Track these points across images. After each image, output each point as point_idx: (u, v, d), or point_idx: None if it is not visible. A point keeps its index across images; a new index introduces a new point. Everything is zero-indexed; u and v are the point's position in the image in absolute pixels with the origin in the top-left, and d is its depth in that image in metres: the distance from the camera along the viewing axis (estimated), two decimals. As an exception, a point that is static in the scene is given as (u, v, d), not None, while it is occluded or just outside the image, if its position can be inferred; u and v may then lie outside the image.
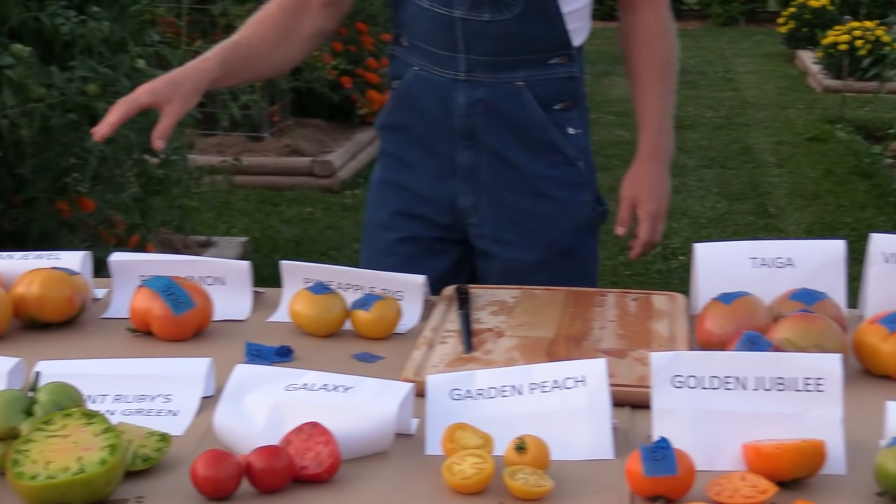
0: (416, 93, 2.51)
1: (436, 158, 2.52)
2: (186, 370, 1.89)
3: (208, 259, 2.32)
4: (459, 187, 2.51)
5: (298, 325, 2.15)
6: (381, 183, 2.62)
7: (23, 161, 4.10)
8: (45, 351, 2.03)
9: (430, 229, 2.55)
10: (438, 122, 2.49)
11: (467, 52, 2.44)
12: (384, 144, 2.62)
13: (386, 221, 2.58)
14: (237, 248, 5.83)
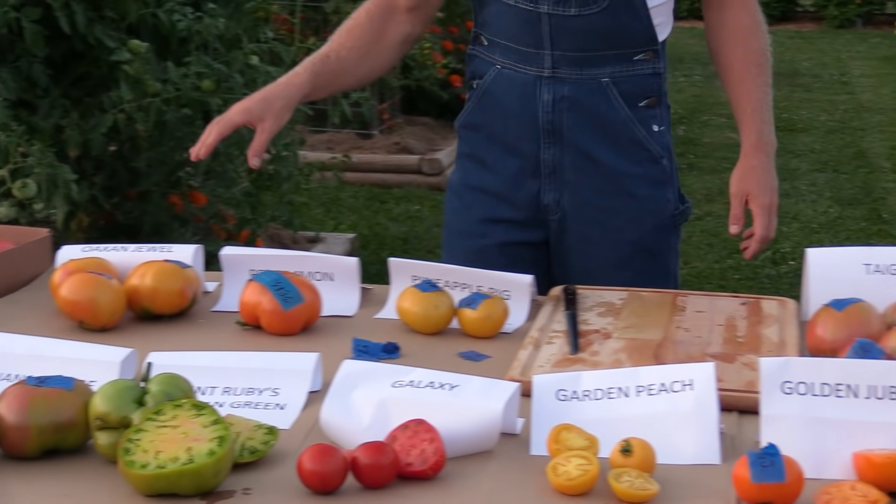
0: (498, 91, 2.51)
1: (517, 157, 2.52)
2: (294, 365, 1.90)
3: (318, 255, 2.34)
4: (543, 184, 2.51)
5: (405, 323, 2.16)
6: (460, 186, 2.62)
7: (138, 155, 4.16)
8: (157, 342, 2.07)
9: (513, 232, 2.55)
10: (522, 120, 2.49)
11: (553, 48, 2.44)
12: (462, 145, 2.62)
13: (468, 229, 2.58)
14: (345, 245, 5.87)
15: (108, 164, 4.14)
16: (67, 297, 2.13)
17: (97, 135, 3.94)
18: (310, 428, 1.77)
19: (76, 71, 4.09)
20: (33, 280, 2.40)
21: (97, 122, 3.95)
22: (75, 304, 2.13)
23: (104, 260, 2.28)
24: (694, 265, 6.10)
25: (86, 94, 4.12)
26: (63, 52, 4.03)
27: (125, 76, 3.99)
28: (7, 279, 2.34)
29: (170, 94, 4.09)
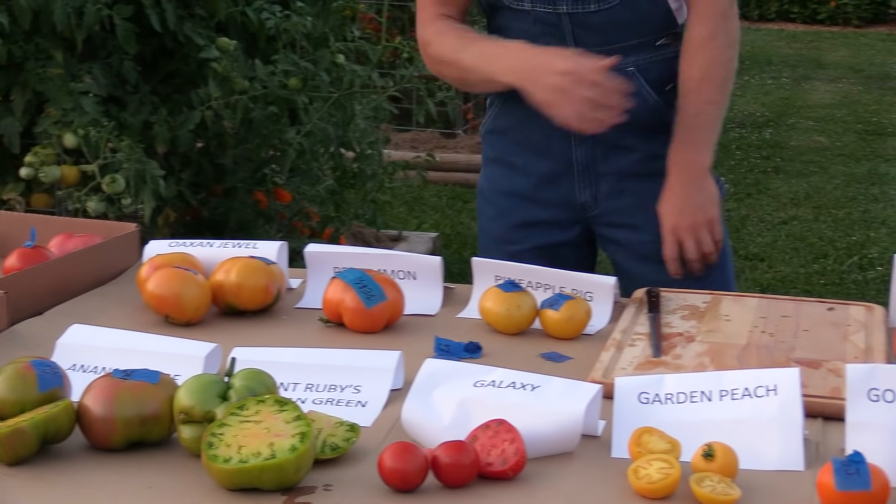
0: (522, 95, 2.51)
1: (548, 158, 2.52)
2: (376, 362, 1.91)
3: (401, 253, 2.35)
4: (577, 182, 2.51)
5: (488, 322, 2.16)
6: (492, 192, 2.62)
7: (224, 152, 4.20)
8: (241, 337, 2.08)
9: (550, 234, 2.55)
10: (550, 122, 2.49)
11: (577, 46, 2.43)
12: (490, 150, 2.62)
13: (504, 235, 2.58)
14: (427, 244, 5.88)
15: (195, 160, 4.18)
16: (154, 291, 2.15)
17: (185, 131, 3.98)
18: (391, 426, 1.78)
19: (166, 68, 4.13)
20: (121, 274, 2.44)
21: (185, 119, 3.99)
22: (161, 299, 2.15)
23: (190, 255, 2.31)
24: (779, 269, 6.03)
25: (174, 91, 4.17)
26: (153, 49, 4.07)
27: (213, 73, 4.02)
28: (95, 273, 2.37)
29: (257, 92, 4.12)
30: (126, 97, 3.96)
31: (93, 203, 3.62)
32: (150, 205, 3.63)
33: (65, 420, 1.68)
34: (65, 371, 1.78)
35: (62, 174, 3.68)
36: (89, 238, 2.42)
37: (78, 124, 3.64)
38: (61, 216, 3.60)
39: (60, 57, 3.74)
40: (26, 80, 3.72)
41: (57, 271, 2.28)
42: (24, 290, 2.17)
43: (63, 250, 2.37)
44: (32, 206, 3.85)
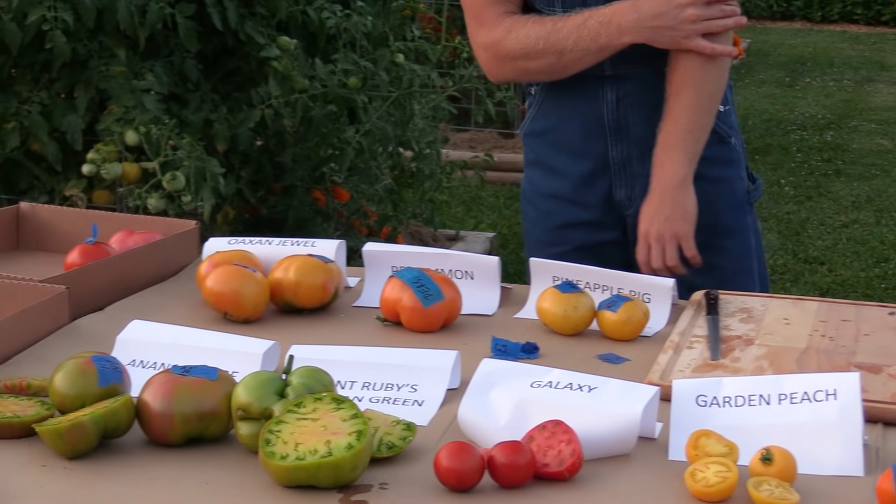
0: (559, 96, 2.51)
1: (586, 159, 2.51)
2: (433, 362, 1.91)
3: (458, 253, 2.35)
4: (614, 182, 2.51)
5: (545, 323, 2.16)
6: (533, 195, 2.62)
7: (284, 150, 4.22)
8: (299, 335, 2.09)
9: (591, 234, 2.54)
10: (586, 122, 2.48)
11: None
12: (528, 153, 2.62)
13: (547, 237, 2.58)
14: (485, 244, 5.88)
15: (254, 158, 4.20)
16: (213, 288, 2.17)
17: (245, 129, 4.00)
18: (447, 425, 1.78)
19: (226, 66, 4.16)
20: (180, 271, 2.45)
21: (245, 117, 4.01)
22: (220, 296, 2.16)
23: (249, 253, 2.32)
24: (839, 273, 5.98)
25: (235, 90, 4.19)
26: (214, 47, 4.10)
27: (274, 72, 4.05)
28: (155, 269, 2.39)
29: (316, 91, 4.14)
30: (187, 95, 3.99)
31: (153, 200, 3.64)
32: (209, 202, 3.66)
33: (124, 415, 1.70)
34: (124, 366, 1.79)
35: (123, 171, 3.71)
36: (149, 235, 2.44)
37: (139, 122, 3.67)
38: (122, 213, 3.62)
39: (123, 55, 3.77)
40: (89, 78, 3.76)
41: (117, 267, 2.30)
42: (85, 286, 2.19)
43: (124, 247, 2.39)
44: (94, 202, 3.88)
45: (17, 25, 3.65)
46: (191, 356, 1.87)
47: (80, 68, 3.79)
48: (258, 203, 4.26)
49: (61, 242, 2.54)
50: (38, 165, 3.91)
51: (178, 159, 3.65)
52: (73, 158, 3.86)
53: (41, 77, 3.83)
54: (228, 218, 4.14)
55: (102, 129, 3.76)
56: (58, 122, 3.79)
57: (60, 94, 3.85)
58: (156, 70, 3.84)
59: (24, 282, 2.11)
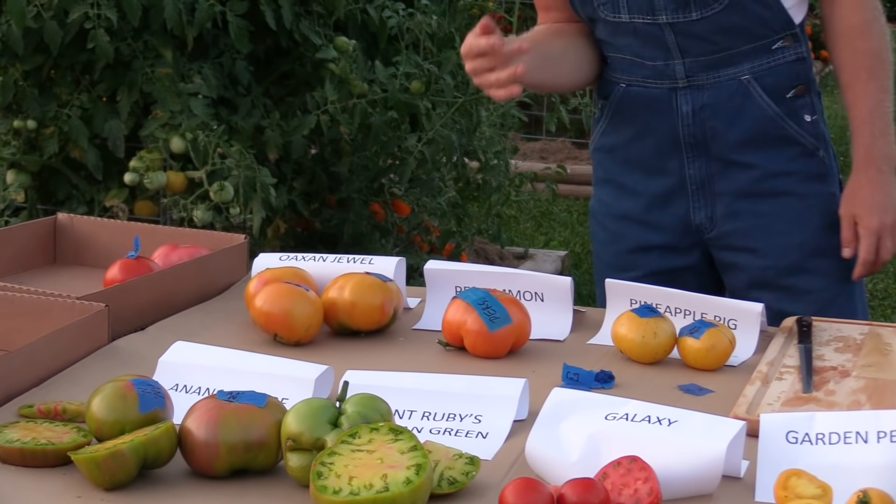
0: (629, 110, 2.50)
1: (660, 177, 2.50)
2: (499, 390, 1.91)
3: (528, 272, 2.35)
4: (692, 202, 2.49)
5: (621, 350, 2.15)
6: (603, 216, 2.62)
7: (340, 159, 4.24)
8: (354, 360, 2.09)
9: (666, 258, 2.53)
10: (660, 138, 2.47)
11: (683, 56, 2.42)
12: (599, 170, 2.62)
13: (617, 261, 2.57)
14: (556, 263, 5.87)
15: (308, 168, 4.22)
16: (262, 308, 2.18)
17: (298, 137, 4.02)
18: (514, 460, 1.77)
19: (279, 69, 4.18)
20: (228, 289, 2.47)
21: (299, 124, 4.03)
22: (270, 316, 2.17)
23: (301, 270, 2.33)
24: (945, 299, 5.91)
25: (288, 94, 4.22)
26: (267, 48, 4.13)
27: (330, 75, 4.06)
28: (201, 287, 2.41)
29: (376, 96, 4.15)
30: (237, 99, 4.01)
31: (199, 212, 3.67)
32: (259, 215, 3.68)
33: (166, 443, 1.71)
34: (167, 391, 1.80)
35: (168, 181, 3.75)
36: (195, 249, 2.46)
37: (186, 127, 3.70)
38: (166, 225, 3.66)
39: (170, 56, 3.81)
40: (133, 80, 3.79)
41: (160, 284, 2.32)
42: (125, 304, 2.21)
43: (167, 262, 2.41)
44: (136, 213, 3.92)
45: (57, 24, 3.69)
46: (238, 381, 1.87)
47: (124, 70, 3.83)
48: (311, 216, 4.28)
49: (101, 257, 2.56)
50: (77, 174, 3.95)
51: (227, 168, 3.68)
52: (114, 166, 3.90)
53: (82, 79, 3.88)
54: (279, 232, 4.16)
55: (146, 135, 3.80)
56: (99, 128, 3.83)
57: (102, 98, 3.89)
58: (204, 72, 3.87)
59: (60, 298, 2.13)
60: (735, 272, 2.53)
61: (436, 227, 4.63)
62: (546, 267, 5.70)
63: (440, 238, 4.66)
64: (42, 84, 3.89)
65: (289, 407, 1.73)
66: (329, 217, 4.28)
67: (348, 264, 2.37)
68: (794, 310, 2.33)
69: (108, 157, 3.87)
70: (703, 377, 2.08)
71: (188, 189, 3.76)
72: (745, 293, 2.47)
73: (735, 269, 2.53)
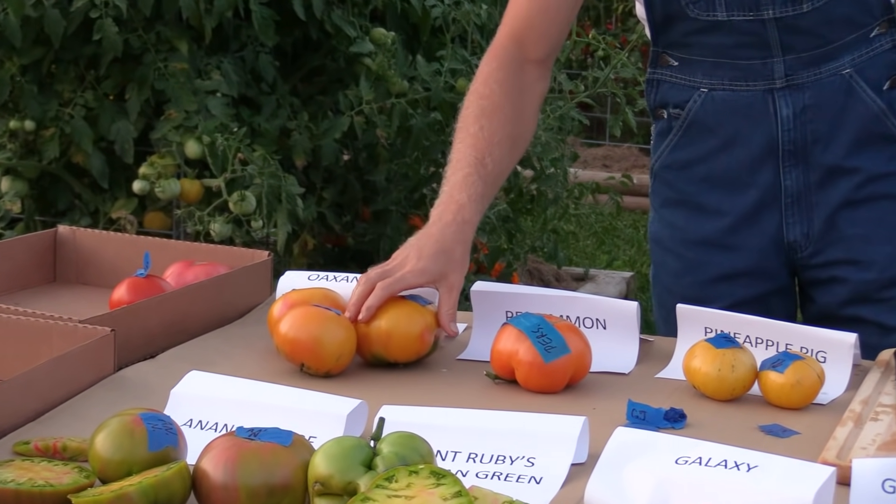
0: (711, 118, 2.47)
1: (748, 192, 2.49)
2: (555, 429, 1.90)
3: (588, 296, 2.35)
4: (785, 217, 2.48)
5: (694, 385, 2.15)
6: (674, 242, 2.58)
7: (376, 166, 4.25)
8: (391, 394, 2.10)
9: (754, 285, 2.52)
10: (753, 147, 2.46)
11: (784, 53, 2.42)
12: (666, 191, 2.58)
13: (696, 294, 2.52)
14: (620, 285, 5.87)
15: (340, 176, 4.24)
16: (288, 334, 2.18)
17: (329, 141, 4.04)
18: (571, 508, 1.77)
19: (309, 64, 4.21)
20: (249, 312, 2.48)
21: (330, 126, 4.05)
22: (296, 344, 2.18)
23: (332, 292, 2.33)
24: None
25: (318, 92, 4.24)
26: (295, 41, 4.15)
27: (366, 71, 4.08)
28: (219, 309, 2.42)
29: (418, 95, 4.16)
30: (260, 98, 4.03)
31: (217, 225, 3.69)
32: (284, 229, 3.69)
33: (178, 486, 1.71)
34: (179, 427, 1.81)
35: (182, 189, 3.77)
36: (212, 267, 2.47)
37: (203, 130, 3.72)
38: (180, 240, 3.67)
39: (185, 49, 3.83)
40: (144, 76, 3.82)
41: (173, 306, 2.33)
42: (134, 328, 2.22)
43: (181, 281, 2.43)
44: (146, 226, 3.94)
45: (59, 12, 3.72)
46: (260, 416, 1.88)
47: (134, 65, 3.86)
48: (344, 231, 4.29)
49: (106, 275, 2.58)
50: (79, 181, 3.98)
51: (249, 176, 3.70)
52: (121, 173, 3.93)
53: (86, 75, 3.90)
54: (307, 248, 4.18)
55: (158, 138, 3.82)
56: (105, 130, 3.85)
57: (109, 96, 3.92)
58: (223, 68, 3.89)
59: (60, 322, 2.15)
60: (831, 288, 2.52)
61: (484, 243, 4.64)
62: (609, 290, 5.70)
63: (489, 256, 4.67)
64: (42, 80, 3.92)
65: (317, 446, 1.73)
66: (363, 232, 4.30)
67: (385, 285, 2.37)
68: (891, 340, 2.32)
69: (114, 162, 3.89)
70: (787, 416, 2.07)
71: (205, 199, 3.78)
72: (839, 310, 2.46)
73: (832, 285, 2.51)
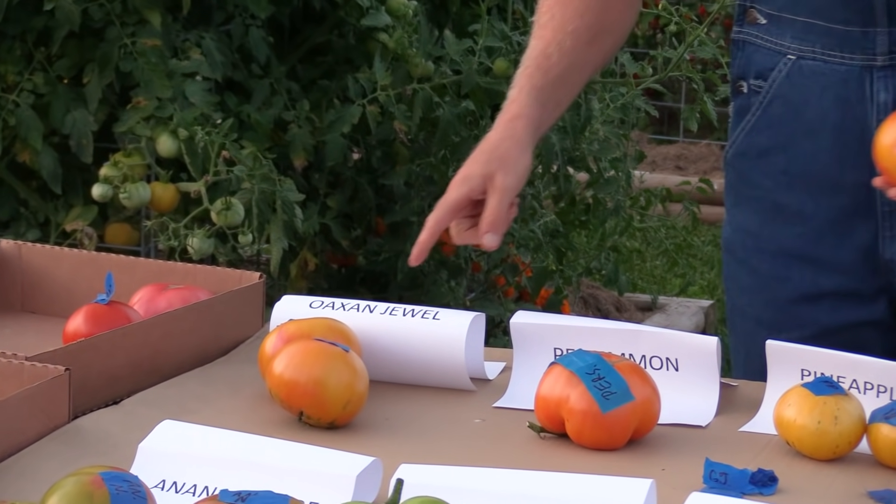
0: (798, 93, 2.48)
1: (838, 194, 2.49)
2: (616, 495, 1.91)
3: (657, 329, 2.35)
4: (881, 230, 2.48)
5: (787, 441, 2.15)
6: (747, 251, 2.58)
7: (393, 168, 4.25)
8: (411, 450, 2.10)
9: (842, 310, 2.51)
10: (841, 136, 2.46)
11: (892, 23, 2.42)
12: (740, 185, 2.57)
13: (773, 317, 2.53)
14: (697, 316, 5.86)
15: (348, 180, 4.24)
16: (283, 375, 2.19)
17: (336, 136, 4.04)
18: (634, 593, 1.78)
19: (310, 41, 4.21)
20: (235, 347, 2.48)
21: (336, 118, 4.05)
22: (295, 387, 2.18)
23: (339, 323, 2.34)
24: None
25: (322, 76, 4.24)
26: (293, 12, 4.15)
27: (381, 50, 4.08)
28: (198, 344, 2.42)
29: (445, 79, 4.16)
30: (251, 83, 4.04)
31: (196, 240, 3.70)
32: (279, 244, 3.70)
33: (147, 562, 1.72)
34: (149, 490, 1.82)
35: (153, 196, 3.78)
36: (190, 292, 2.48)
37: (179, 122, 3.73)
38: (150, 258, 3.68)
39: (157, 22, 3.84)
40: (107, 56, 3.83)
41: (142, 340, 2.34)
42: (93, 367, 2.22)
43: (152, 309, 2.43)
44: (108, 241, 3.95)
45: (2, -24, 3.74)
46: (249, 477, 1.89)
47: (94, 41, 3.87)
48: (353, 248, 4.30)
49: (59, 301, 2.59)
50: (26, 185, 3.99)
51: (236, 179, 3.70)
52: (78, 175, 3.93)
53: (35, 53, 3.91)
54: (308, 269, 4.18)
55: (123, 131, 3.83)
56: (58, 122, 3.86)
57: (63, 80, 3.93)
58: (205, 45, 3.90)
59: (3, 359, 2.15)
60: None
61: (527, 264, 4.64)
62: (682, 322, 5.70)
63: (533, 280, 4.67)
64: (-20, 60, 3.94)
65: (319, 514, 1.74)
66: (377, 249, 4.30)
67: (405, 318, 2.38)
68: None
69: (69, 162, 3.90)
70: (903, 481, 2.07)
71: (181, 208, 3.79)
72: None
73: None
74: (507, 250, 4.52)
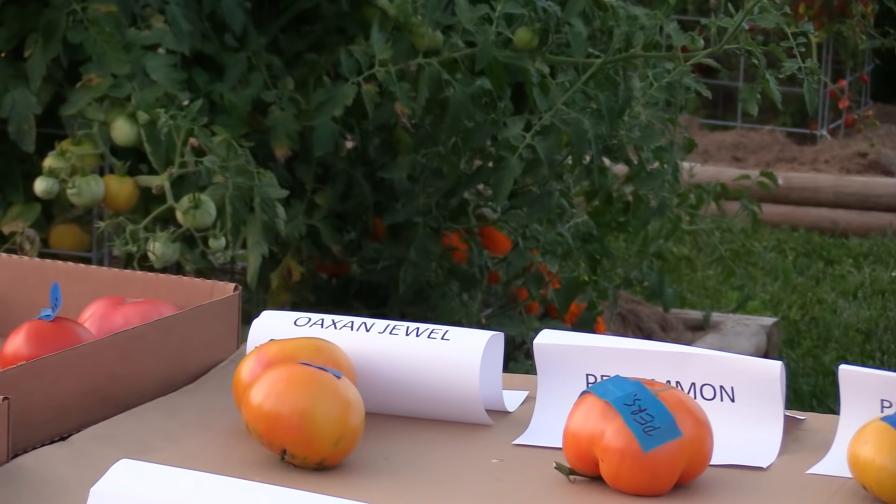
0: None
1: None
2: (658, 549, 1.92)
3: (708, 352, 2.35)
4: None
5: (863, 484, 2.15)
6: None
7: (394, 159, 4.26)
8: (412, 496, 2.12)
9: None
10: None
11: None
12: None
13: None
14: (758, 336, 5.87)
15: (340, 173, 4.25)
16: (263, 406, 2.20)
17: (325, 120, 4.05)
18: None
19: (295, 7, 4.23)
20: (205, 372, 2.49)
21: (326, 98, 4.07)
22: (276, 420, 2.19)
23: (329, 343, 2.35)
24: None
25: (309, 48, 4.26)
26: (274, -28, 4.17)
27: (380, 18, 4.09)
28: (162, 369, 2.43)
29: (457, 53, 4.18)
30: (224, 57, 4.06)
31: (159, 244, 3.71)
32: (258, 250, 3.71)
33: None
34: (104, 541, 1.83)
35: (107, 191, 3.79)
36: (151, 307, 2.49)
37: (138, 103, 3.74)
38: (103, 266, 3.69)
39: (112, -16, 3.86)
40: (53, 25, 3.84)
41: (95, 364, 2.34)
42: (37, 396, 2.23)
43: (106, 327, 2.44)
44: (53, 245, 3.96)
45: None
46: (221, 527, 1.90)
47: (37, 7, 3.88)
48: (346, 254, 4.31)
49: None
50: (-44, 178, 4.01)
51: (206, 172, 3.72)
52: (17, 167, 3.95)
53: (-35, 22, 3.94)
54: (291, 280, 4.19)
55: (72, 115, 3.84)
56: (-7, 103, 3.88)
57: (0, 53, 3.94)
58: (170, 11, 3.92)
59: (-71, 386, 2.17)
60: None
61: (554, 274, 4.65)
62: (740, 343, 5.70)
63: (561, 293, 4.68)
64: None
65: (306, 571, 1.75)
66: (374, 255, 4.31)
67: (408, 338, 2.39)
68: None
69: (7, 151, 3.92)
70: None
71: (141, 206, 3.80)
72: None
73: None
74: (531, 257, 4.52)
